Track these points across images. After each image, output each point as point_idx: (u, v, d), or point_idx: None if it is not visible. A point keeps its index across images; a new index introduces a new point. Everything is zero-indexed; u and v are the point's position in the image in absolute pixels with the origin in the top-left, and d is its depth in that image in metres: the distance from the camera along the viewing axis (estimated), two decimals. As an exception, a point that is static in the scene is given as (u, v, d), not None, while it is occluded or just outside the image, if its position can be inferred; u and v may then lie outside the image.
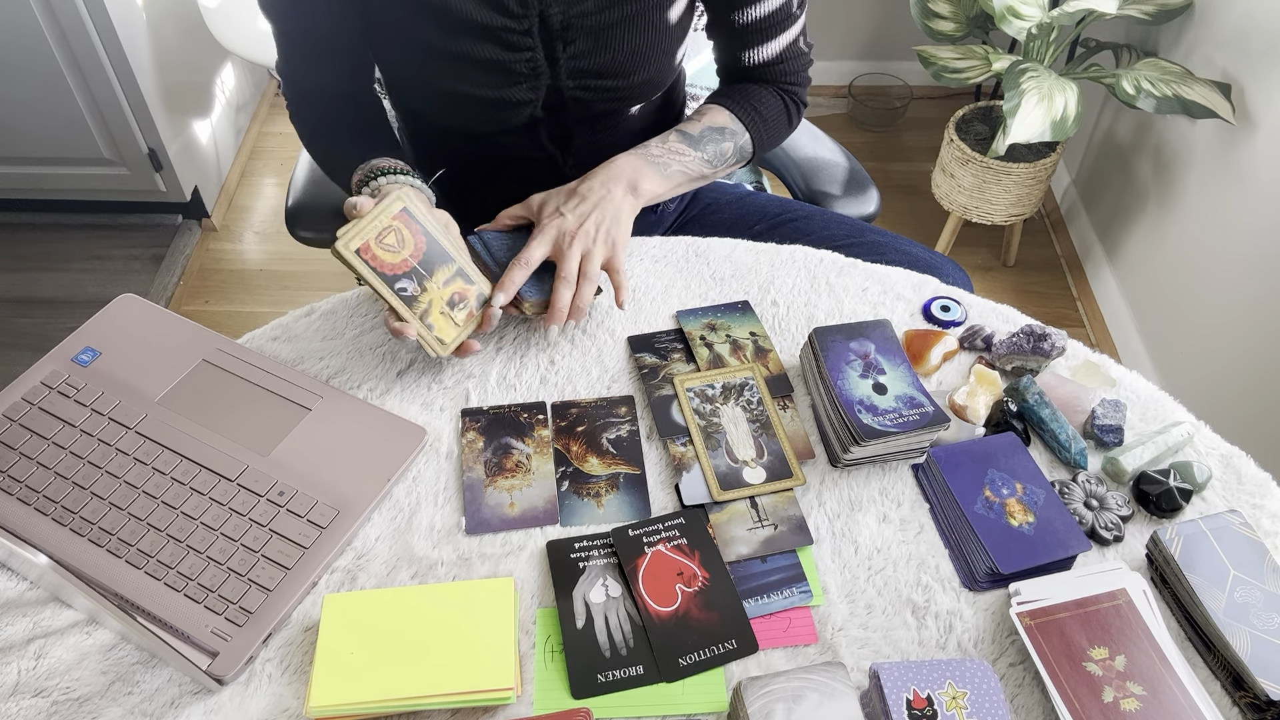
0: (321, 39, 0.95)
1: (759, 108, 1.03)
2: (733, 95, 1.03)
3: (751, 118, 1.03)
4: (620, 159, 0.95)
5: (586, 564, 0.76)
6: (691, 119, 1.01)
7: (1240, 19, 1.61)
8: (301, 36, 0.95)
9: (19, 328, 2.04)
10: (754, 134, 1.03)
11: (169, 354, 0.89)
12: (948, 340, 0.91)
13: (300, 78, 0.99)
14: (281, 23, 0.94)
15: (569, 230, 0.89)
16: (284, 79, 1.00)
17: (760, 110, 1.03)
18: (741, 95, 1.03)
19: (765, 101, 1.04)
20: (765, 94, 1.04)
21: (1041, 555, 0.74)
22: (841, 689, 0.62)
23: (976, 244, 2.24)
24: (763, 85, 1.05)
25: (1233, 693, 0.69)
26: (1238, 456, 0.83)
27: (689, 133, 0.99)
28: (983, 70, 1.82)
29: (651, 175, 0.95)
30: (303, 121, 1.02)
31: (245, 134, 2.47)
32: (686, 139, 0.99)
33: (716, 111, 1.02)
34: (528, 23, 0.91)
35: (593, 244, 0.89)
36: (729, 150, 1.02)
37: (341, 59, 0.97)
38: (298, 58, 0.97)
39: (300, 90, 1.00)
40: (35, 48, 1.85)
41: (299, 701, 0.69)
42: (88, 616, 0.73)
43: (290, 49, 0.96)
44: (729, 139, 1.01)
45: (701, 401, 0.86)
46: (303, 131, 1.02)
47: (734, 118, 1.02)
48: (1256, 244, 1.56)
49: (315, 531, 0.76)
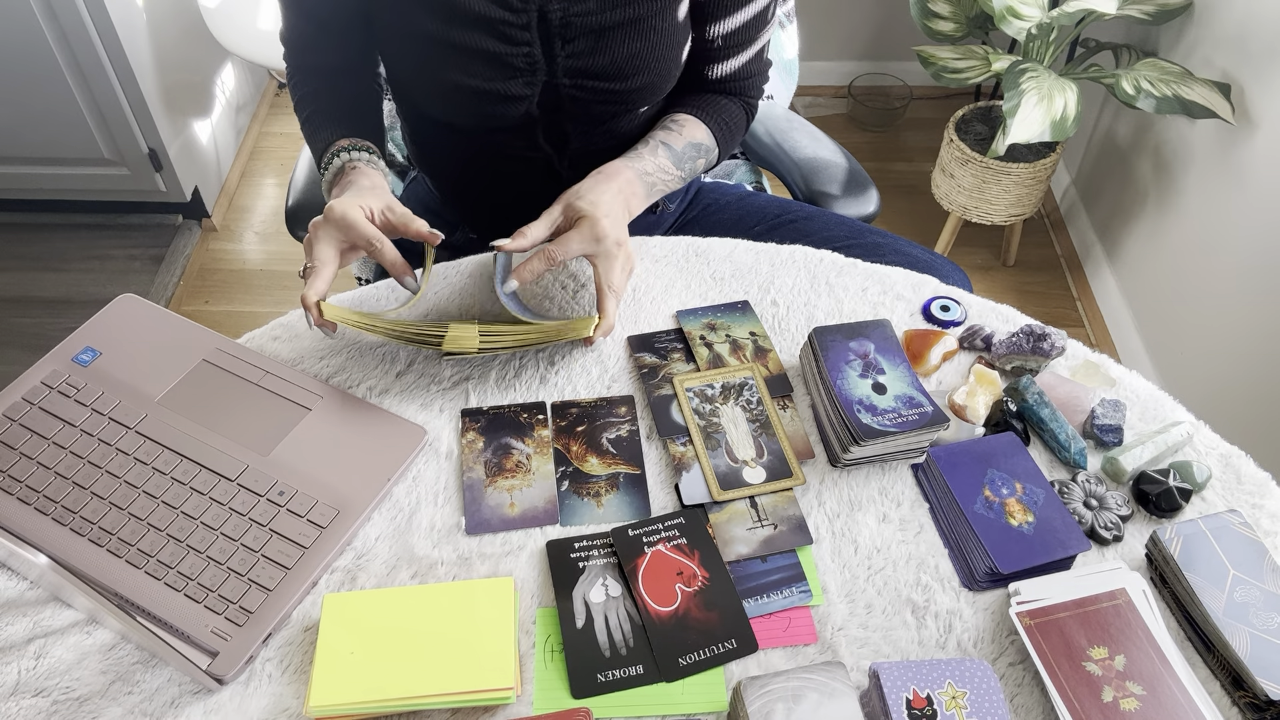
0: (324, 17, 0.97)
1: (728, 122, 1.04)
2: (704, 108, 1.03)
3: (723, 134, 1.04)
4: (623, 172, 0.93)
5: (586, 564, 0.76)
6: (672, 129, 1.00)
7: (1240, 19, 1.62)
8: (309, 15, 0.97)
9: (19, 328, 2.04)
10: (721, 151, 1.05)
11: (169, 354, 0.89)
12: (947, 340, 0.91)
13: (301, 49, 1.01)
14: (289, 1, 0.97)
15: (624, 240, 0.87)
16: (286, 47, 1.02)
17: (730, 127, 1.04)
18: (715, 110, 1.03)
19: (734, 117, 1.05)
20: (732, 107, 1.05)
21: (1041, 555, 0.74)
22: (841, 689, 0.62)
23: (976, 244, 2.24)
24: (729, 98, 1.05)
25: (1232, 692, 0.69)
26: (1237, 456, 0.83)
27: (675, 148, 0.99)
28: (982, 70, 1.82)
29: (641, 198, 0.95)
30: (296, 86, 1.03)
31: (245, 134, 2.47)
32: (673, 156, 0.99)
33: (695, 125, 1.01)
34: (526, 17, 0.91)
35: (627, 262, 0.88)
36: (700, 168, 1.03)
37: (343, 37, 0.99)
38: (303, 30, 0.99)
39: (300, 60, 1.02)
40: (35, 48, 1.85)
41: (299, 701, 0.69)
42: (88, 616, 0.73)
43: (295, 19, 0.99)
44: (703, 156, 1.02)
45: (701, 401, 0.86)
46: (294, 95, 1.04)
47: (710, 134, 1.02)
48: (1256, 244, 1.56)
49: (315, 531, 0.76)
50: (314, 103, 1.01)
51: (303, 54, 1.01)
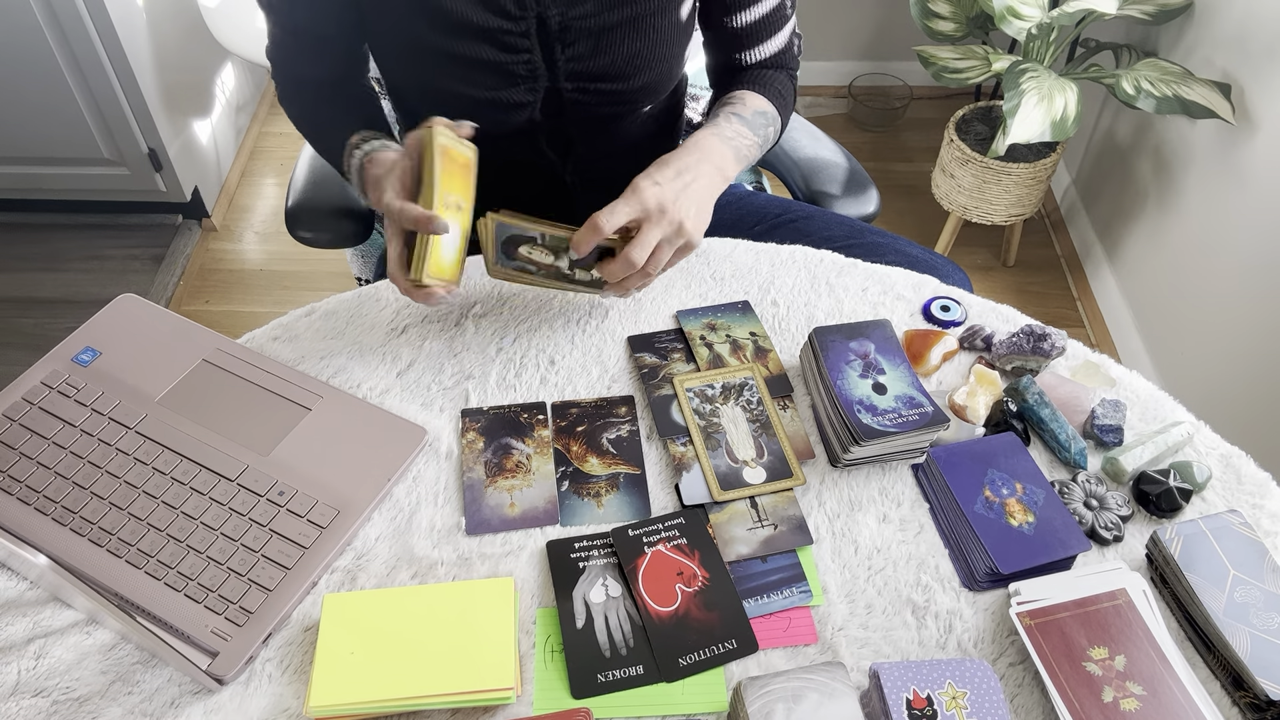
0: (314, 33, 0.95)
1: (781, 92, 1.03)
2: (757, 83, 1.01)
3: (780, 103, 1.02)
4: (706, 139, 0.91)
5: (586, 564, 0.76)
6: (734, 104, 0.98)
7: (1240, 19, 1.62)
8: (295, 28, 0.95)
9: (19, 328, 2.04)
10: (784, 118, 1.03)
11: (169, 354, 0.89)
12: (947, 340, 0.91)
13: (289, 66, 0.99)
14: (277, 14, 0.95)
15: (666, 201, 0.82)
16: (273, 64, 1.00)
17: (783, 95, 1.03)
18: (765, 82, 1.02)
19: (783, 85, 1.04)
20: (781, 77, 1.04)
21: (1041, 555, 0.74)
22: (841, 689, 0.62)
23: (976, 244, 2.24)
24: (775, 70, 1.04)
25: (1232, 692, 0.69)
26: (1237, 456, 0.83)
27: (744, 116, 0.96)
28: (983, 70, 1.82)
29: (732, 161, 0.92)
30: (290, 103, 1.02)
31: (245, 134, 2.47)
32: (745, 122, 0.96)
33: (754, 97, 0.99)
34: (525, 24, 0.90)
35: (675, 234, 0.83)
36: (772, 135, 1.01)
37: (333, 53, 0.98)
38: (288, 43, 0.97)
39: (288, 76, 1.00)
40: (35, 48, 1.85)
41: (299, 701, 0.69)
42: (88, 616, 0.73)
43: (282, 35, 0.97)
44: (771, 123, 1.00)
45: (701, 401, 0.86)
46: (291, 111, 1.02)
47: (769, 103, 1.01)
48: (1256, 244, 1.56)
49: (315, 531, 0.76)
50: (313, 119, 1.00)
51: (292, 66, 0.99)
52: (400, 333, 0.93)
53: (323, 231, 1.19)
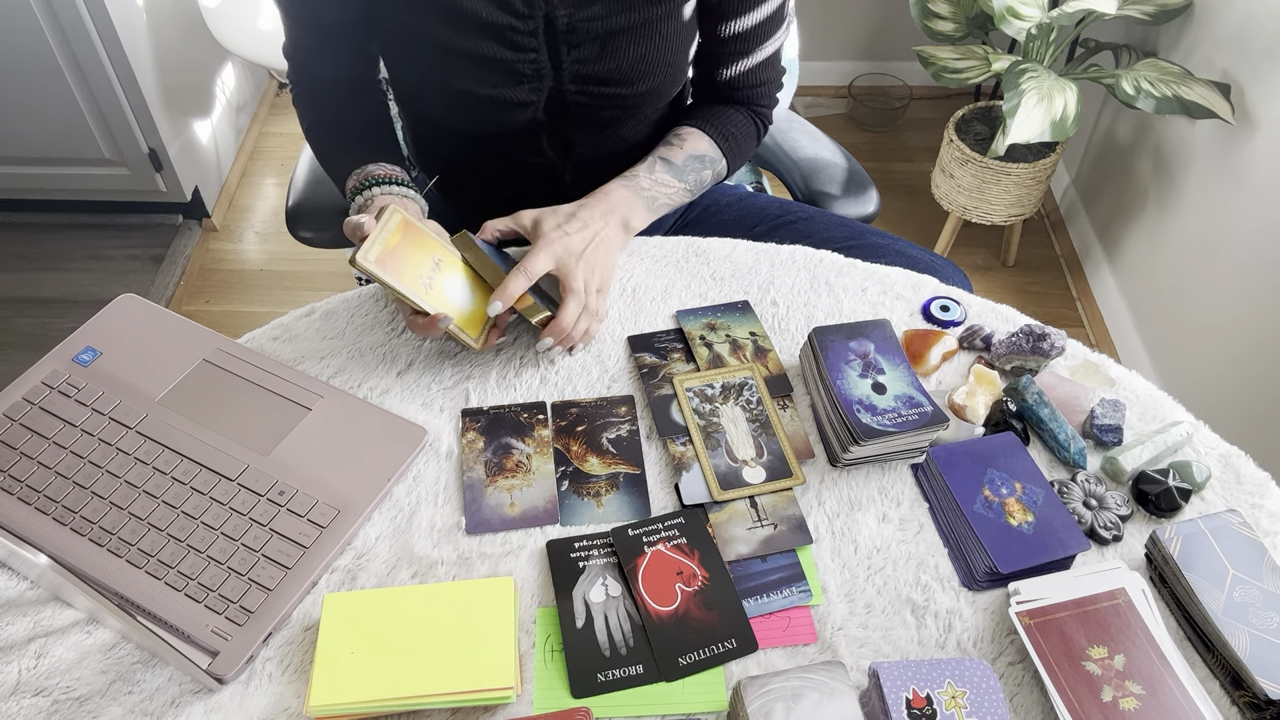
0: (329, 28, 0.96)
1: (734, 133, 1.04)
2: (709, 119, 1.04)
3: (728, 144, 1.04)
4: (616, 191, 0.96)
5: (586, 564, 0.76)
6: (672, 144, 1.02)
7: (1240, 19, 1.62)
8: (310, 24, 0.96)
9: (19, 328, 2.04)
10: (729, 160, 1.05)
11: (169, 354, 0.89)
12: (947, 340, 0.91)
13: (307, 64, 1.00)
14: (291, 10, 0.95)
15: (575, 250, 0.89)
16: (290, 63, 1.01)
17: (736, 136, 1.05)
18: (718, 120, 1.04)
19: (739, 126, 1.05)
20: (738, 117, 1.05)
21: (1040, 555, 0.74)
22: (841, 688, 0.62)
23: (976, 244, 2.24)
24: (735, 107, 1.05)
25: (1231, 692, 0.69)
26: (1237, 456, 0.83)
27: (673, 162, 1.00)
28: (982, 70, 1.82)
29: (641, 212, 0.97)
30: (306, 110, 1.02)
31: (245, 134, 2.47)
32: (671, 169, 1.00)
33: (697, 138, 1.02)
34: (533, 23, 0.91)
35: (592, 274, 0.90)
36: (708, 179, 1.04)
37: (348, 49, 0.98)
38: (307, 41, 0.98)
39: (305, 76, 1.01)
40: (35, 48, 1.85)
41: (299, 701, 0.69)
42: (88, 616, 0.73)
43: (299, 32, 0.97)
44: (708, 166, 1.03)
45: (701, 401, 0.86)
46: (304, 119, 1.03)
47: (713, 144, 1.03)
48: (1256, 244, 1.56)
49: (315, 531, 0.76)
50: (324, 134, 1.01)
51: (308, 66, 1.00)
52: (400, 333, 0.93)
53: (323, 231, 1.19)
